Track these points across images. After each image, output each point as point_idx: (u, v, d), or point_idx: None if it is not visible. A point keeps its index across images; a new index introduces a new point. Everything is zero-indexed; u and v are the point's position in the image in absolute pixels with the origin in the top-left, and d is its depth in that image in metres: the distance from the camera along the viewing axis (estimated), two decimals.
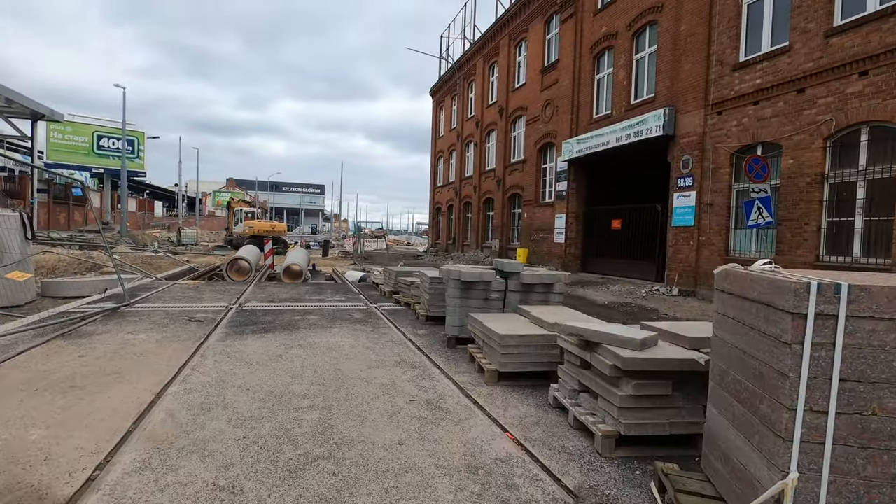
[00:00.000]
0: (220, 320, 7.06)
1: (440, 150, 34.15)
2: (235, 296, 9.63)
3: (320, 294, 10.33)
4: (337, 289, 11.48)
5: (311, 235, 67.66)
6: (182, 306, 8.17)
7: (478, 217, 27.14)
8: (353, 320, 7.48)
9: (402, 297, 9.20)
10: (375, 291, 11.08)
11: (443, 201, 33.23)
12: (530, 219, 21.59)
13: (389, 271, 10.43)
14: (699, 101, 13.07)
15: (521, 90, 22.89)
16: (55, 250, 19.18)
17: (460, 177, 29.80)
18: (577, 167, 18.58)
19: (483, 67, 26.76)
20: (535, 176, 21.43)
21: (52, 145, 36.52)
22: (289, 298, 9.51)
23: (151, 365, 4.77)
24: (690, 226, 13.29)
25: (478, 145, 27.14)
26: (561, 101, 19.34)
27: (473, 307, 5.91)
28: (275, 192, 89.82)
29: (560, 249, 19.19)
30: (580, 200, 18.82)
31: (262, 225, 32.42)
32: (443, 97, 33.60)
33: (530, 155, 21.74)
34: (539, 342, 4.50)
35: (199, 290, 10.07)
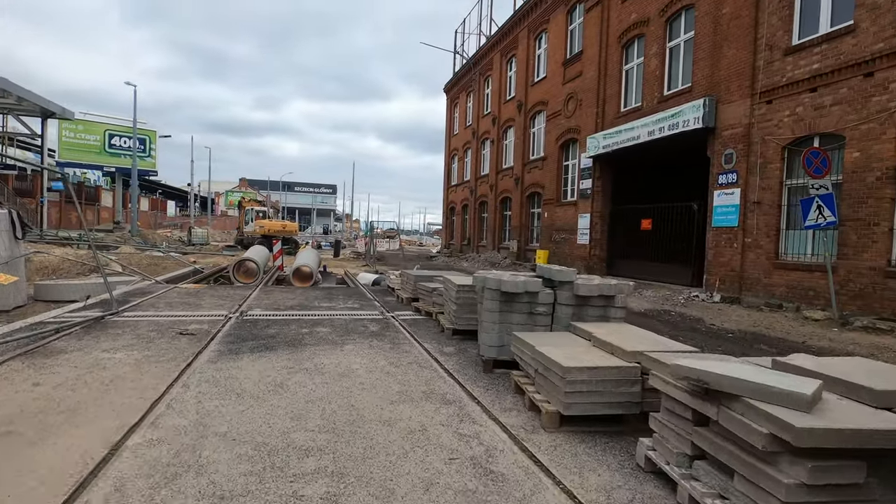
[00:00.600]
0: (215, 334, 6.06)
1: (454, 149, 33.08)
2: (238, 302, 8.64)
3: (331, 300, 9.31)
4: (349, 294, 10.47)
5: (322, 235, 66.98)
6: (176, 315, 7.19)
7: (494, 217, 26.03)
8: (368, 334, 6.43)
9: (423, 306, 8.14)
10: (391, 297, 10.05)
11: (457, 201, 32.16)
12: (551, 219, 20.44)
13: (407, 276, 9.39)
14: (744, 90, 11.86)
15: (541, 84, 21.75)
16: (56, 251, 18.43)
17: (476, 175, 28.71)
18: (603, 164, 17.41)
19: (500, 62, 25.65)
20: (556, 174, 20.28)
21: (64, 144, 36.07)
22: (296, 305, 8.51)
23: (119, 398, 3.76)
24: (734, 226, 12.08)
25: (494, 142, 26.04)
26: (585, 94, 18.17)
27: (515, 323, 4.84)
28: (287, 192, 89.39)
29: (584, 251, 18.02)
30: (606, 199, 17.64)
31: (273, 225, 31.59)
32: (457, 94, 32.54)
33: (551, 152, 20.59)
34: (614, 376, 3.42)
35: (199, 296, 9.11)
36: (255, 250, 17.05)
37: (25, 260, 17.87)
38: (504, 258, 23.88)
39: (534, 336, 4.35)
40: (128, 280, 11.22)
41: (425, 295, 8.33)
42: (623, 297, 4.81)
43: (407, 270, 10.22)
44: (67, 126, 35.85)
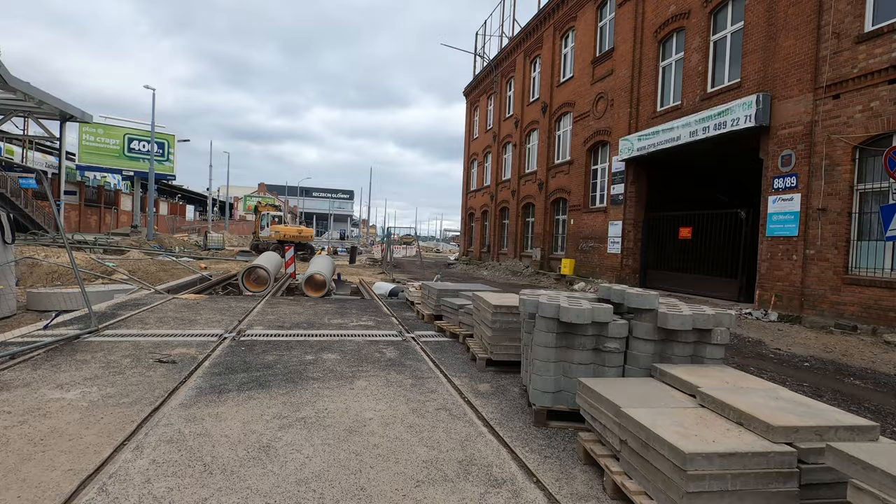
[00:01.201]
0: (201, 361, 4.99)
1: (474, 153, 31.98)
2: (238, 317, 7.60)
3: (343, 315, 8.22)
4: (364, 307, 9.37)
5: (338, 241, 66.39)
6: (163, 335, 6.15)
7: (516, 223, 24.81)
8: (385, 363, 5.30)
9: (448, 326, 7.00)
10: (411, 312, 8.92)
11: (476, 207, 31.01)
12: (578, 226, 19.16)
13: (429, 289, 8.25)
14: (805, 84, 10.53)
15: (567, 85, 20.55)
16: (57, 258, 17.76)
17: (496, 180, 27.55)
18: (637, 167, 16.12)
19: (523, 63, 24.51)
20: (583, 178, 19.01)
21: (84, 148, 35.89)
22: (303, 322, 7.42)
23: (38, 472, 2.68)
24: (793, 236, 10.72)
25: (517, 146, 24.87)
26: (617, 93, 16.93)
27: (576, 363, 3.67)
28: (304, 198, 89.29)
29: (614, 261, 16.71)
30: (640, 205, 16.33)
31: (289, 230, 30.80)
32: (477, 97, 31.47)
33: (578, 155, 19.35)
34: (760, 466, 2.23)
35: (197, 309, 8.09)
36: (266, 257, 16.11)
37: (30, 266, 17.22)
38: (526, 267, 22.64)
39: (609, 385, 3.18)
40: (125, 289, 10.30)
41: (450, 313, 7.18)
42: (724, 331, 3.59)
43: (428, 282, 9.08)
44: (87, 130, 35.67)
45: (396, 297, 12.76)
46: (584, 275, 18.22)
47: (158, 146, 38.30)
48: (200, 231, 43.78)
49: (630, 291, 3.73)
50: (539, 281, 20.09)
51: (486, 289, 7.99)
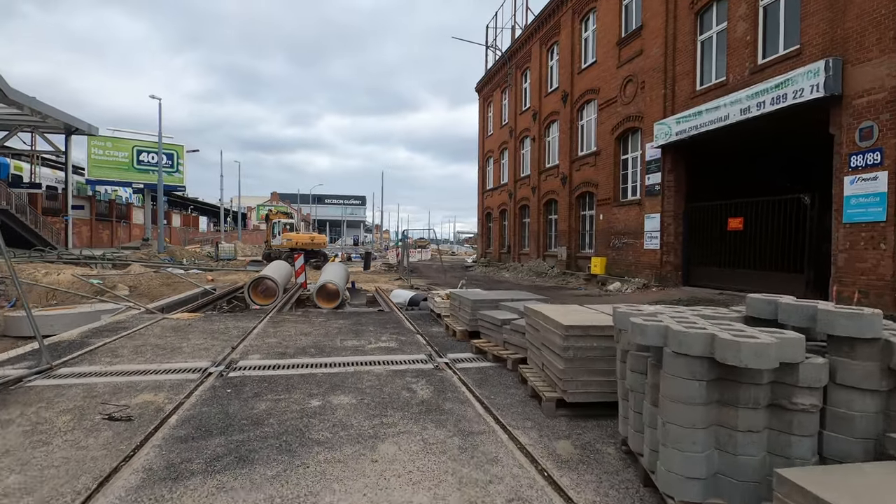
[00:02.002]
0: (167, 416, 3.61)
1: (489, 151, 30.51)
2: (233, 340, 6.24)
3: (359, 334, 6.81)
4: (383, 322, 7.95)
5: (352, 247, 65.35)
6: (131, 372, 4.80)
7: (538, 221, 23.27)
8: (416, 409, 3.86)
9: (489, 347, 5.55)
10: (438, 327, 7.49)
11: (494, 206, 29.52)
12: (608, 221, 17.59)
13: (460, 299, 6.81)
14: (887, 44, 8.90)
15: (590, 70, 19.00)
16: (60, 274, 16.67)
17: (514, 177, 26.04)
18: (675, 154, 14.53)
19: (540, 51, 23.01)
20: (612, 170, 17.44)
21: (93, 161, 35.16)
22: (311, 345, 6.03)
23: None
24: (879, 221, 9.07)
25: (535, 140, 23.35)
26: (648, 74, 15.36)
27: (742, 430, 2.20)
28: (317, 205, 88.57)
29: (653, 258, 15.12)
30: (679, 196, 14.73)
31: (301, 237, 29.65)
32: (490, 92, 30.02)
33: (605, 145, 17.79)
34: None
35: (186, 332, 6.75)
36: (274, 267, 14.81)
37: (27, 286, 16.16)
38: (551, 267, 21.09)
39: (839, 482, 1.72)
40: (111, 309, 9.03)
41: (491, 329, 5.73)
42: None
43: (457, 291, 7.63)
44: (96, 143, 34.94)
45: (418, 306, 11.37)
46: (618, 274, 16.64)
47: (167, 157, 37.46)
48: (213, 242, 42.94)
49: (829, 309, 2.25)
50: (567, 282, 18.55)
51: (530, 297, 6.54)
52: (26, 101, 24.01)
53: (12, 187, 27.71)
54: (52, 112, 26.68)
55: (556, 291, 16.19)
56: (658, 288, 14.56)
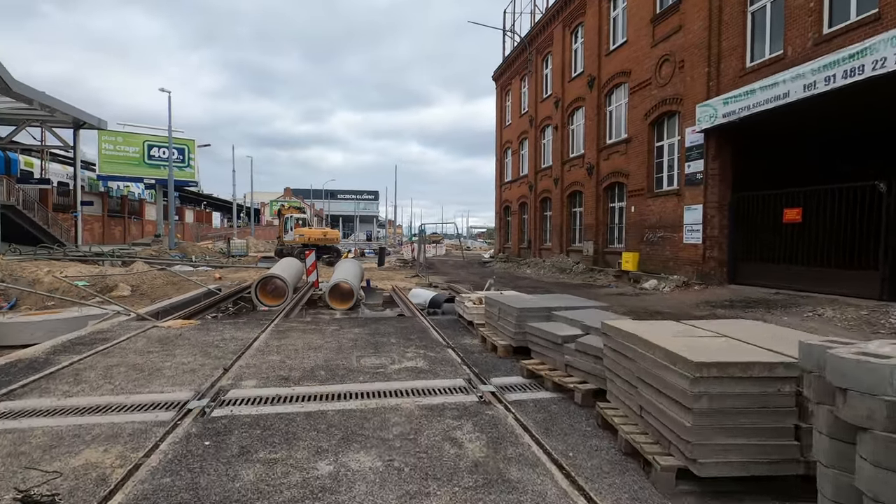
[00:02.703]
0: (107, 496, 2.47)
1: (507, 142, 29.15)
2: (228, 357, 5.11)
3: (379, 348, 5.64)
4: (406, 331, 6.77)
5: (365, 242, 64.47)
6: (86, 410, 3.67)
7: (561, 215, 21.91)
8: (468, 481, 2.64)
9: (546, 371, 4.31)
10: (470, 338, 6.30)
11: (512, 199, 28.19)
12: (641, 214, 16.21)
13: (500, 306, 5.59)
14: None
15: (619, 52, 17.57)
16: (62, 272, 15.79)
17: (535, 168, 24.68)
18: (720, 138, 13.12)
19: (563, 34, 21.58)
20: (645, 158, 16.05)
21: (104, 157, 34.50)
22: (321, 365, 4.88)
23: None
24: None
25: (558, 129, 21.96)
26: (688, 52, 13.93)
27: None
28: (330, 200, 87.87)
29: (694, 253, 13.75)
30: (724, 184, 13.32)
31: (314, 232, 28.60)
32: (509, 80, 28.61)
33: (638, 131, 16.38)
34: None
35: (174, 346, 5.64)
36: (284, 265, 13.72)
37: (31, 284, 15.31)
38: (576, 263, 19.76)
39: None
40: (97, 315, 7.98)
41: (548, 348, 4.51)
42: None
43: (492, 296, 6.40)
44: (107, 139, 34.26)
45: (440, 308, 10.19)
46: (653, 270, 15.29)
47: (178, 152, 36.68)
48: (225, 238, 42.23)
49: None
50: (595, 279, 17.24)
51: (588, 304, 5.32)
52: (32, 94, 23.23)
53: (21, 183, 27.09)
54: (59, 106, 25.92)
55: (585, 290, 14.91)
56: (700, 286, 13.20)
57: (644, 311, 9.82)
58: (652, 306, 10.83)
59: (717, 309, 10.06)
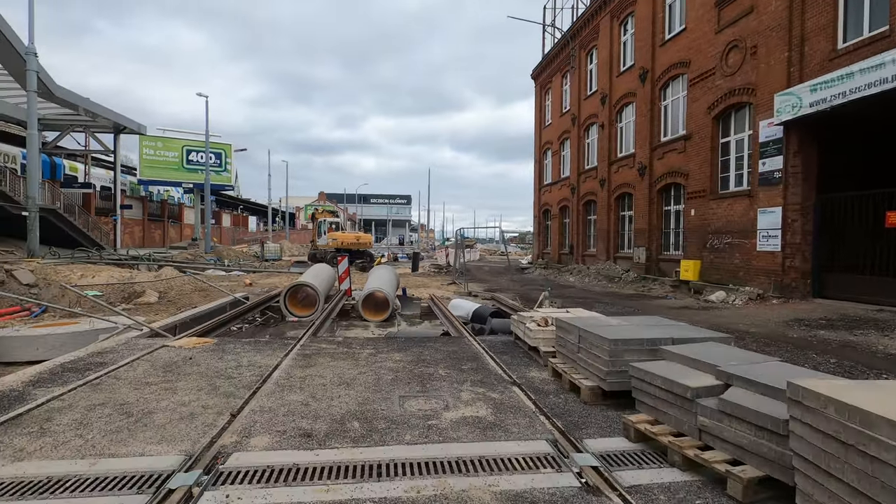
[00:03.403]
0: None
1: (547, 142, 27.70)
2: (238, 395, 4.04)
3: (426, 384, 4.48)
4: (455, 357, 5.57)
5: (398, 246, 63.84)
6: (25, 487, 2.63)
7: (607, 219, 20.34)
8: None
9: (671, 439, 3.02)
10: (536, 370, 5.06)
11: (552, 202, 26.70)
12: (703, 218, 14.57)
13: (582, 334, 4.31)
14: None
15: (677, 40, 15.99)
16: (95, 277, 15.37)
17: (578, 170, 23.16)
18: (803, 131, 11.45)
19: (610, 26, 20.08)
20: (708, 156, 14.42)
21: (145, 162, 34.85)
22: (354, 410, 3.73)
23: None
24: None
25: (605, 126, 20.43)
26: (763, 36, 12.31)
27: None
28: (362, 205, 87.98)
29: (771, 262, 12.07)
30: (808, 184, 11.62)
31: (347, 237, 27.87)
32: (549, 78, 27.19)
33: (700, 126, 14.76)
34: None
35: (177, 376, 4.63)
36: (315, 272, 12.78)
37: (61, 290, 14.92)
38: (626, 271, 18.17)
39: None
40: (109, 328, 7.11)
41: (668, 403, 3.21)
42: None
43: (568, 319, 5.11)
44: (147, 144, 34.61)
45: (484, 323, 8.97)
46: (718, 280, 13.63)
47: (215, 156, 36.77)
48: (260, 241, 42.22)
49: None
50: (648, 288, 15.66)
51: (709, 336, 4.01)
52: (74, 99, 23.36)
53: (65, 187, 27.42)
54: (100, 111, 26.10)
55: (639, 301, 13.40)
56: (780, 299, 11.52)
57: (724, 330, 8.33)
58: (730, 323, 9.30)
59: (814, 330, 8.46)
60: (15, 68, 18.73)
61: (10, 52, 18.03)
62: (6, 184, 20.85)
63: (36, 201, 17.84)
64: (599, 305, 12.22)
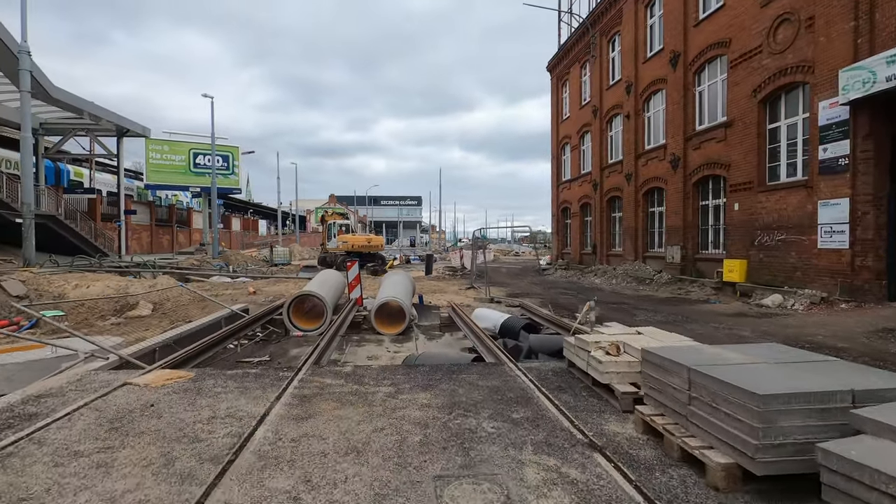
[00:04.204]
0: None
1: (565, 137, 26.24)
2: (200, 478, 2.77)
3: (469, 449, 3.16)
4: (499, 397, 4.22)
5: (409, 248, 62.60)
6: None
7: (635, 215, 18.86)
8: None
9: None
10: (612, 416, 3.71)
11: (572, 199, 25.23)
12: (749, 212, 13.07)
13: (695, 377, 2.95)
14: None
15: (714, 19, 14.51)
16: (90, 287, 14.25)
17: (600, 164, 21.69)
18: (874, 111, 9.95)
19: (635, 9, 18.60)
20: (754, 143, 12.92)
21: (151, 166, 33.98)
22: None
23: None
24: None
25: (630, 117, 18.96)
26: (820, 5, 10.82)
27: None
28: (373, 206, 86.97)
29: (836, 260, 10.56)
30: (881, 171, 10.12)
31: (357, 239, 26.63)
32: (566, 69, 25.73)
33: (743, 112, 13.27)
34: None
35: (123, 437, 3.36)
36: (321, 279, 11.49)
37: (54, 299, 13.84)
38: (657, 272, 16.68)
39: None
40: (71, 356, 5.85)
41: None
42: None
43: (669, 354, 3.71)
44: (153, 147, 33.74)
45: (517, 340, 7.62)
46: (769, 282, 12.13)
47: (223, 159, 35.82)
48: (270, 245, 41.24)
49: None
50: (686, 291, 14.18)
51: None
52: (73, 100, 22.43)
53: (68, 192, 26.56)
54: (102, 113, 25.18)
55: (680, 306, 11.94)
56: (850, 303, 10.02)
57: (802, 343, 6.89)
58: (804, 335, 7.84)
59: None
60: (9, 68, 17.77)
61: (3, 52, 17.06)
62: (3, 190, 19.92)
63: (31, 207, 16.83)
64: (641, 313, 10.79)
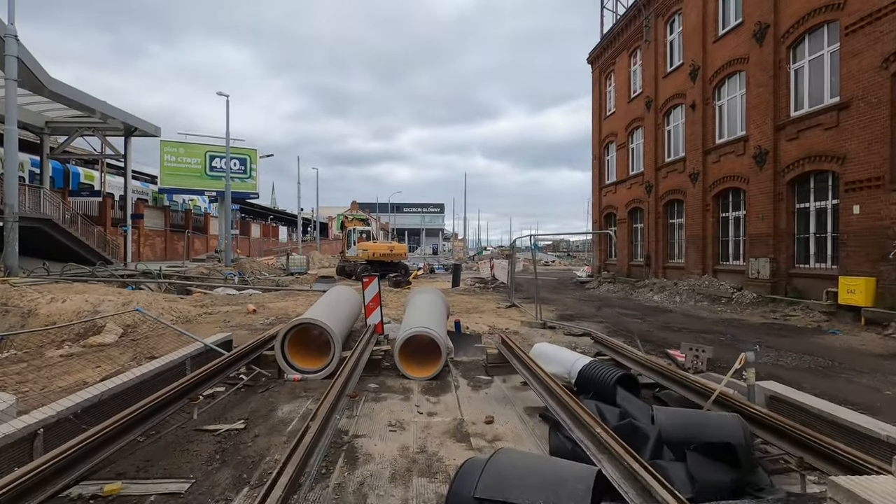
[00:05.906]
0: None
1: (609, 135, 23.44)
2: None
3: None
4: None
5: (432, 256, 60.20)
6: None
7: (702, 222, 15.95)
8: None
9: None
10: None
11: (618, 204, 22.37)
12: (876, 216, 10.14)
13: None
14: None
15: None
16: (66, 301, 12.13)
17: (655, 164, 18.84)
18: None
19: None
20: (886, 129, 10.02)
21: (166, 169, 32.37)
22: None
23: None
24: None
25: (696, 107, 16.11)
26: None
27: None
28: (395, 213, 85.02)
29: None
30: None
31: (379, 247, 24.16)
32: (612, 59, 22.98)
33: (866, 89, 10.38)
34: None
35: None
36: (330, 299, 8.92)
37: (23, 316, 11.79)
38: (736, 289, 13.74)
39: None
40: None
41: None
42: None
43: None
44: (169, 150, 32.14)
45: (611, 401, 4.94)
46: None
47: (239, 162, 34.05)
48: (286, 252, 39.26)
49: None
50: (784, 315, 11.25)
51: None
52: (72, 94, 20.71)
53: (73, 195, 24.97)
54: (107, 110, 23.50)
55: (786, 337, 9.04)
56: None
57: None
58: None
59: None
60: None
61: None
62: None
63: (14, 209, 14.89)
64: (747, 347, 7.97)
